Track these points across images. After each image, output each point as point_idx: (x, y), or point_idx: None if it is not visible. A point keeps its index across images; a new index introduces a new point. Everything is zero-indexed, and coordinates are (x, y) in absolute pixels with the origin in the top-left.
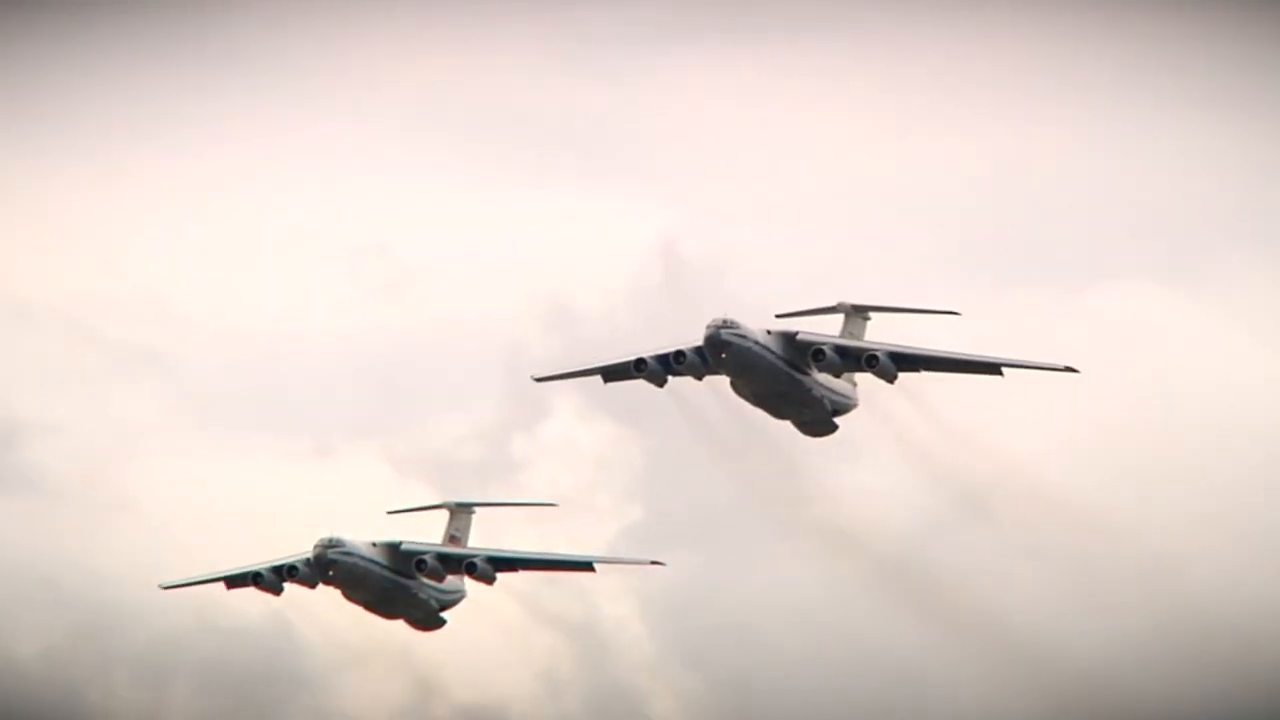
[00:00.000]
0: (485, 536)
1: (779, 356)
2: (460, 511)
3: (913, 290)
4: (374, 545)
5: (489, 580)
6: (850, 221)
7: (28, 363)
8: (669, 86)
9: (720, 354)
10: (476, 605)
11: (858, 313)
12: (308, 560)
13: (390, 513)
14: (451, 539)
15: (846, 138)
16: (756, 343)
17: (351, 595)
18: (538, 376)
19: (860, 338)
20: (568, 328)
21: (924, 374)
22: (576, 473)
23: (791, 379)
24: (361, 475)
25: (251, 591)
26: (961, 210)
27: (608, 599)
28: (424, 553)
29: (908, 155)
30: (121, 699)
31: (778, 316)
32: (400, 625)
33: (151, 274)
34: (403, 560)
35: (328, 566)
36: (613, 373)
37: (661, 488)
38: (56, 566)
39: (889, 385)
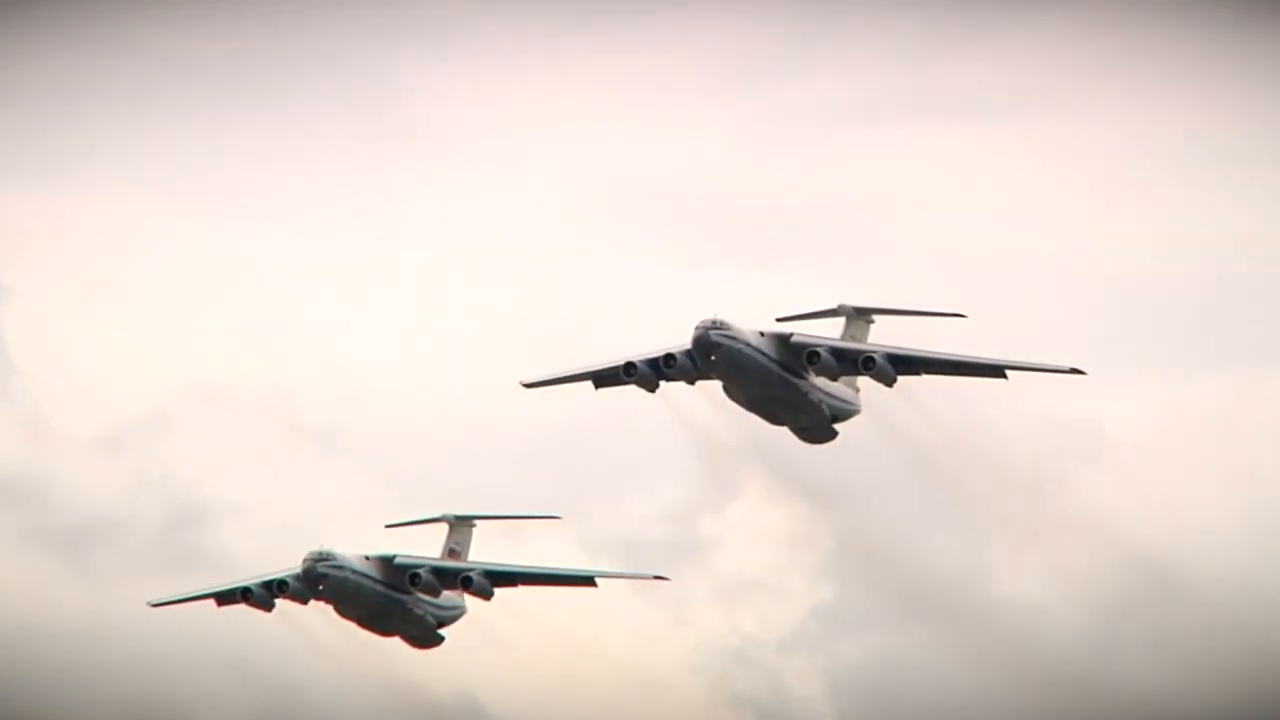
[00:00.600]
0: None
1: (772, 359)
2: (460, 525)
3: (1104, 373)
4: (366, 559)
5: (486, 595)
6: (1040, 301)
7: (213, 443)
8: (859, 165)
9: (710, 356)
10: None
11: (860, 315)
12: (298, 575)
13: (388, 526)
14: (451, 553)
15: (1039, 217)
16: (748, 344)
17: (344, 611)
18: (527, 383)
19: (863, 341)
20: None
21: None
22: (766, 553)
23: (786, 383)
24: (552, 556)
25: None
26: (1156, 291)
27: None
28: (419, 566)
29: (1100, 235)
30: None
31: (778, 320)
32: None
33: (335, 352)
34: (397, 574)
35: (318, 580)
36: (603, 378)
37: (852, 568)
38: (247, 647)
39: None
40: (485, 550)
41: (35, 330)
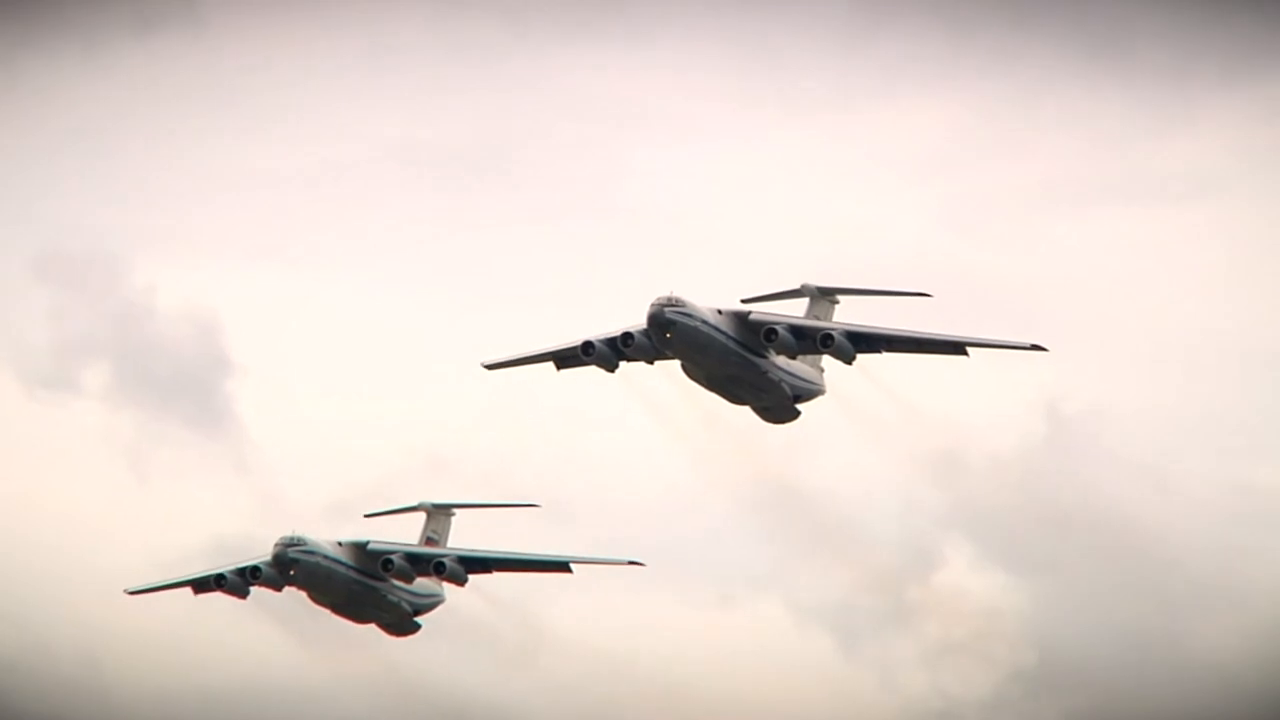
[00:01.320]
0: None
1: (730, 337)
2: (437, 513)
3: None
4: (339, 545)
5: (460, 581)
6: (1235, 380)
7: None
8: (1052, 245)
9: (666, 334)
10: None
11: (824, 295)
12: (269, 560)
13: (368, 515)
14: (428, 541)
15: (1235, 299)
16: (704, 322)
17: (317, 597)
18: (488, 364)
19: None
20: (957, 479)
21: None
22: (969, 621)
23: (745, 361)
24: (762, 625)
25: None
26: None
27: None
28: (391, 552)
29: None
30: None
31: (743, 301)
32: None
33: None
34: (370, 560)
35: (289, 566)
36: (564, 359)
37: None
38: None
39: None
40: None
41: (270, 404)
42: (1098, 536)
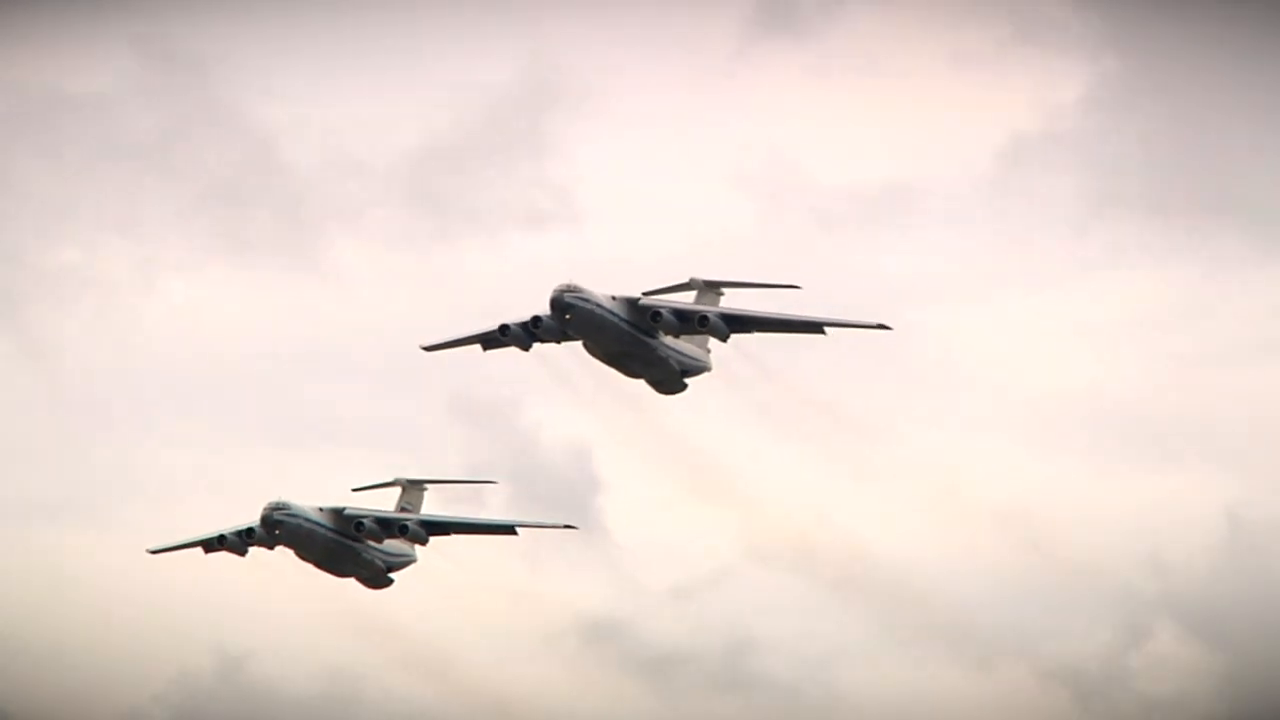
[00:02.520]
0: None
1: (622, 319)
2: (411, 488)
3: None
4: (320, 510)
5: (421, 541)
6: None
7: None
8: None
9: (565, 315)
10: None
11: (710, 288)
12: (259, 523)
13: (355, 490)
14: (402, 510)
15: None
16: (599, 305)
17: (302, 555)
18: (426, 346)
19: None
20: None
21: None
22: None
23: (637, 340)
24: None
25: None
26: None
27: None
28: (363, 516)
29: None
30: None
31: (644, 294)
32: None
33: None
34: (345, 523)
35: (274, 527)
36: (488, 341)
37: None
38: None
39: None
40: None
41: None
42: None
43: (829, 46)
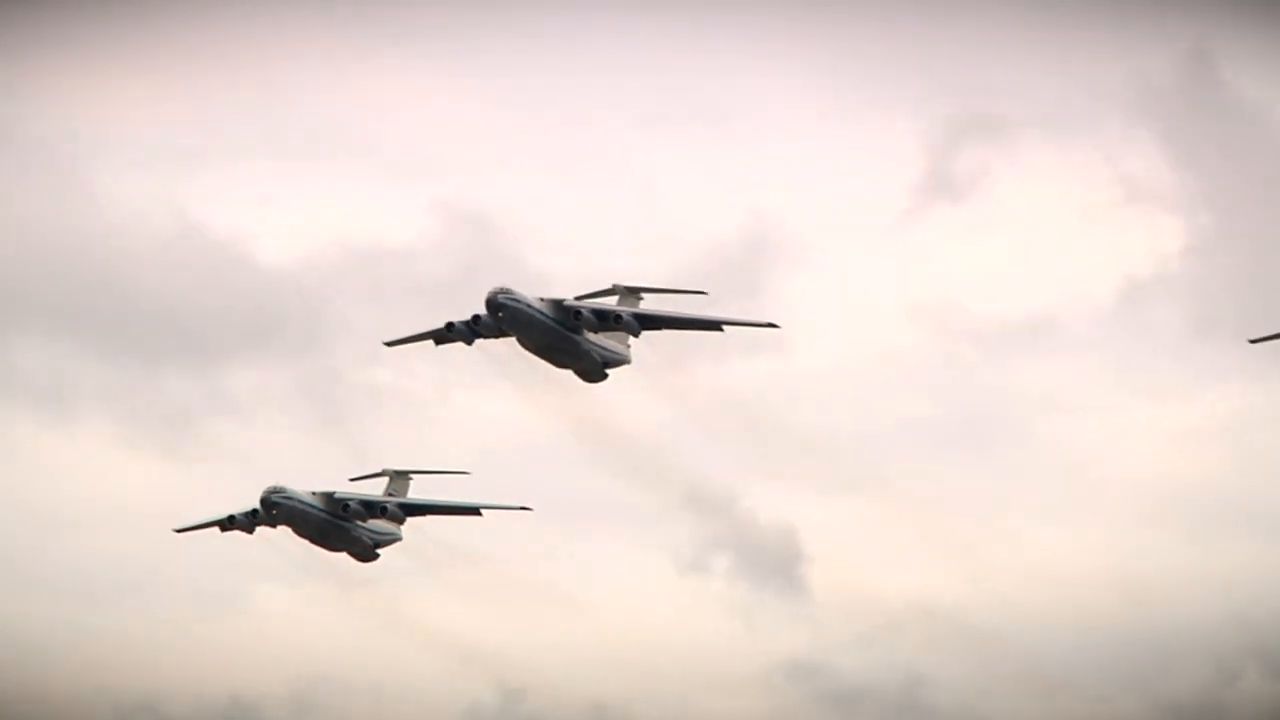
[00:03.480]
0: None
1: (549, 317)
2: (398, 477)
3: None
4: (314, 494)
5: (399, 521)
6: None
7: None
8: None
9: (499, 314)
10: None
11: (630, 293)
12: (259, 505)
13: (352, 480)
14: (389, 495)
15: None
16: (529, 305)
17: (299, 532)
18: (388, 341)
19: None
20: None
21: None
22: None
23: (562, 335)
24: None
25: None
26: None
27: None
28: (350, 499)
29: None
30: None
31: (576, 298)
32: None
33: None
34: (335, 505)
35: (271, 508)
36: (439, 337)
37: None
38: None
39: None
40: None
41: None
42: None
43: (981, 205)
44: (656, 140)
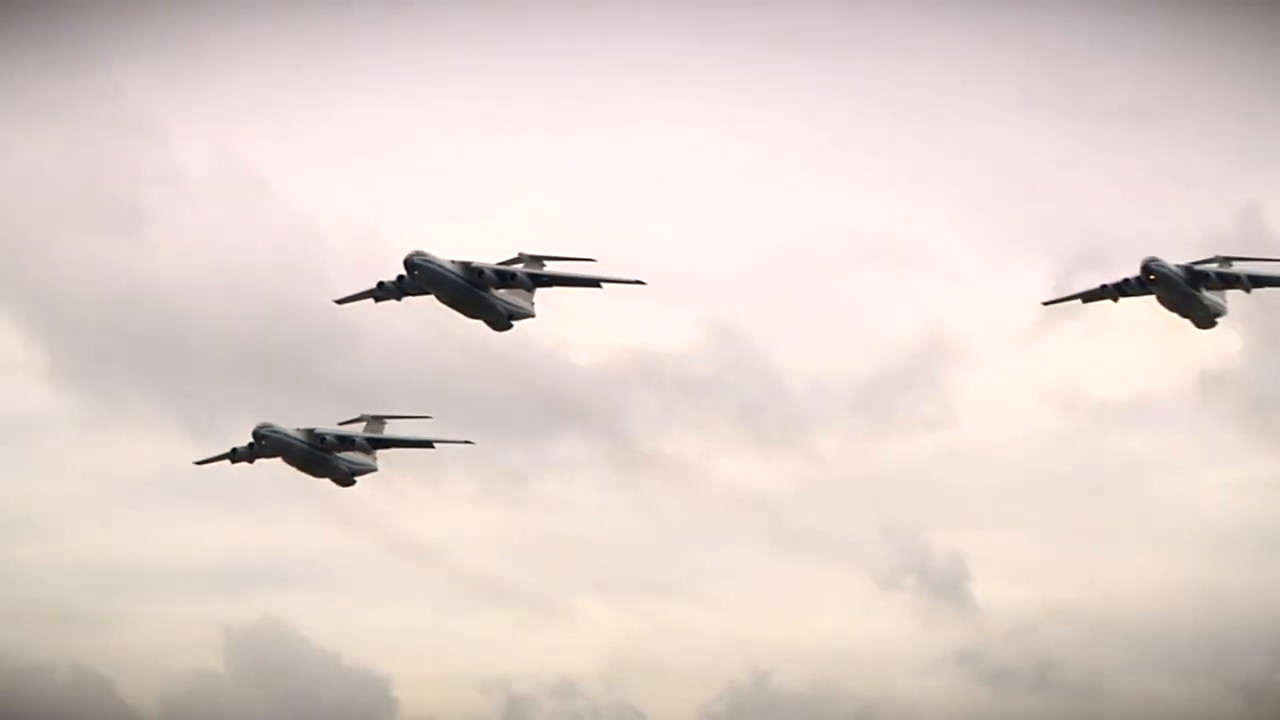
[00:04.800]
0: None
1: (459, 276)
2: (374, 421)
3: None
4: (298, 429)
5: (369, 453)
6: None
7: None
8: None
9: (414, 272)
10: None
11: (534, 260)
12: (251, 439)
13: (340, 423)
14: (365, 433)
15: None
16: (440, 265)
17: (288, 461)
18: (337, 299)
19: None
20: None
21: None
22: None
23: (470, 291)
24: None
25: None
26: None
27: None
28: (328, 434)
29: None
30: None
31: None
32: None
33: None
34: (316, 439)
35: (261, 440)
36: (376, 296)
37: None
38: None
39: None
40: None
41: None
42: None
43: (1094, 318)
44: (862, 274)
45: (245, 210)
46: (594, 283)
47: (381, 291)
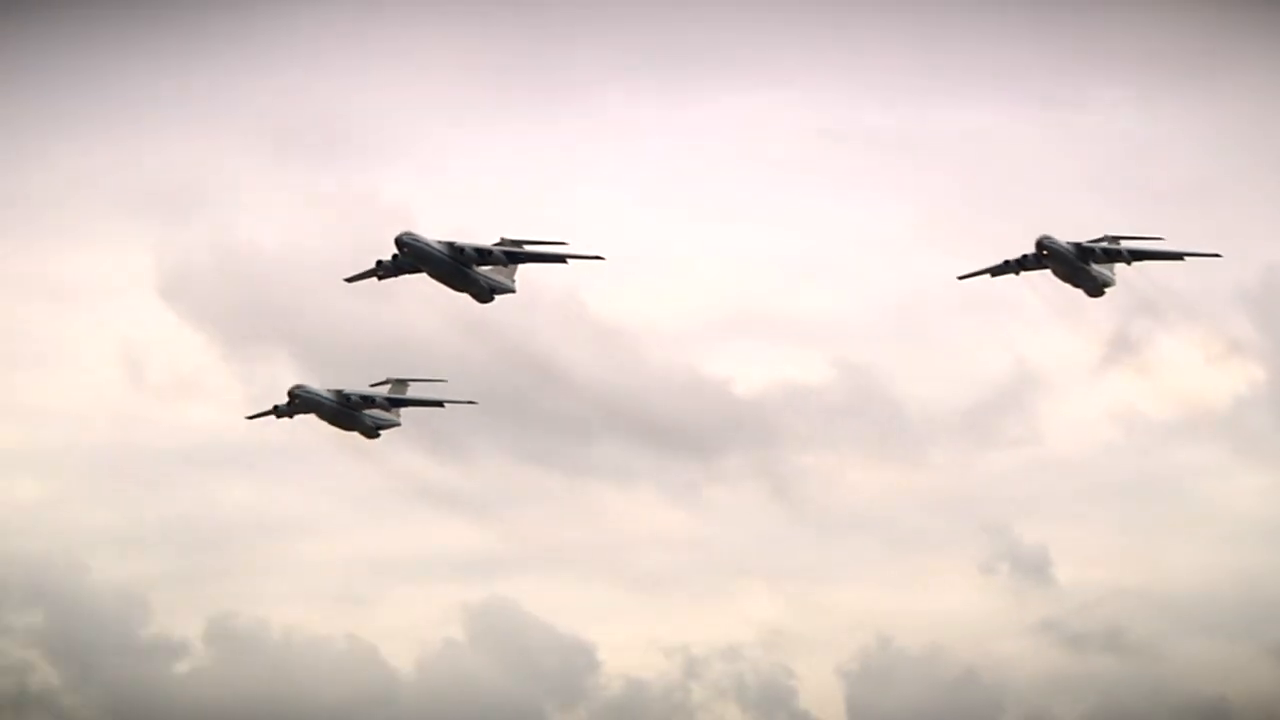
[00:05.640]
0: None
1: (444, 254)
2: (398, 384)
3: None
4: (328, 390)
5: (386, 409)
6: None
7: None
8: None
9: (404, 250)
10: None
11: (513, 243)
12: (287, 399)
13: (371, 384)
14: (390, 394)
15: None
16: (426, 244)
17: (321, 417)
18: (347, 278)
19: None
20: None
21: None
22: None
23: (454, 267)
24: None
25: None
26: None
27: None
28: (353, 394)
29: None
30: None
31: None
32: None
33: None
34: (344, 399)
35: (295, 399)
36: (379, 275)
37: None
38: None
39: None
40: None
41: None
42: None
43: (1149, 354)
44: (963, 321)
45: None
46: (560, 259)
47: (381, 270)
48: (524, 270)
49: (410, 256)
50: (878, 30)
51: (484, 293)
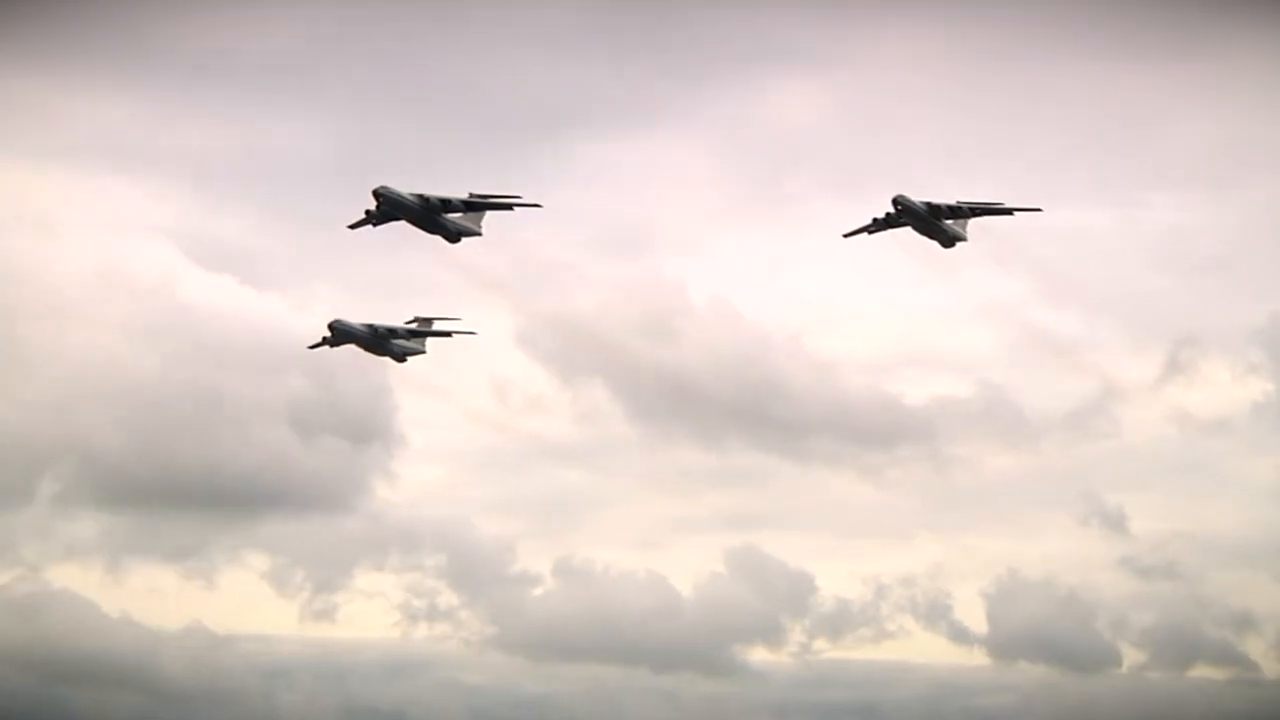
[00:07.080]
0: None
1: (414, 203)
2: (423, 321)
3: None
4: (362, 324)
5: (407, 338)
6: None
7: None
8: None
9: (380, 200)
10: None
11: (483, 198)
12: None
13: (406, 321)
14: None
15: None
16: (400, 196)
17: (357, 344)
18: (351, 224)
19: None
20: None
21: None
22: None
23: (425, 214)
24: None
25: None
26: None
27: None
28: (383, 326)
29: None
30: None
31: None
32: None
33: None
34: (375, 331)
35: (334, 330)
36: (374, 221)
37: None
38: None
39: None
40: None
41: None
42: None
43: (1186, 379)
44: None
45: None
46: (507, 206)
47: (371, 218)
48: (760, 320)
49: (387, 205)
50: None
51: (452, 236)
